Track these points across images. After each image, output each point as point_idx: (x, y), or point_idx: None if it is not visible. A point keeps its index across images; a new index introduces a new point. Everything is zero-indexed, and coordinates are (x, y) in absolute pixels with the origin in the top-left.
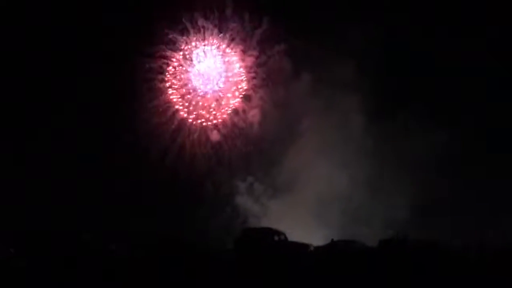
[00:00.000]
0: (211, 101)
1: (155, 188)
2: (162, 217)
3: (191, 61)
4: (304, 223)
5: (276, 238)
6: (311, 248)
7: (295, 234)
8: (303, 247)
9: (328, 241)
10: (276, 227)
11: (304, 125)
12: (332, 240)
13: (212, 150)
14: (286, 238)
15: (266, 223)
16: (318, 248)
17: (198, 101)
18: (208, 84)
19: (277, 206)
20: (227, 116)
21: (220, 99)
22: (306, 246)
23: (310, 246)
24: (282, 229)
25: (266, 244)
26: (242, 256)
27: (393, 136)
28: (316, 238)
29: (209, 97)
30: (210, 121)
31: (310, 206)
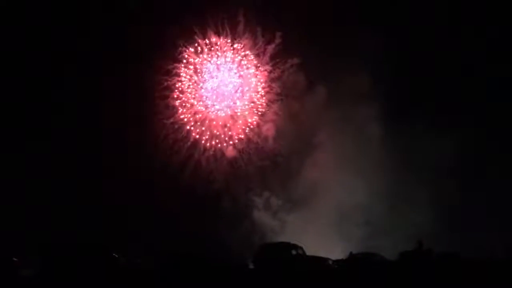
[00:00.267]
0: (226, 118)
1: (174, 204)
2: (181, 232)
3: (206, 78)
4: (322, 237)
5: (294, 252)
6: (330, 262)
7: (314, 248)
8: (322, 261)
9: (347, 254)
10: (294, 242)
11: (320, 137)
12: (350, 253)
13: (228, 166)
14: (304, 252)
15: (284, 238)
16: (336, 261)
17: (212, 119)
18: (223, 101)
19: (294, 220)
20: (242, 131)
21: (235, 116)
22: (325, 260)
23: (329, 260)
24: (300, 243)
25: (284, 259)
26: (261, 271)
27: (411, 145)
28: (335, 251)
29: (223, 115)
30: (226, 141)
31: (328, 219)
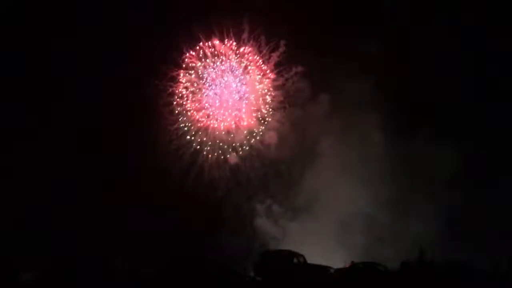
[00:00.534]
0: (230, 125)
1: (176, 210)
2: (182, 238)
3: (209, 84)
4: (324, 245)
5: (295, 260)
6: (331, 270)
7: (315, 257)
8: (323, 270)
9: (348, 263)
10: (295, 250)
11: (323, 145)
12: (352, 262)
13: (230, 172)
14: (305, 261)
15: (285, 246)
16: (338, 270)
17: (215, 128)
18: (227, 108)
19: (296, 228)
20: (244, 137)
21: (238, 123)
22: (326, 268)
23: (330, 268)
24: (302, 251)
25: (285, 267)
26: (262, 279)
27: (415, 154)
28: (337, 260)
29: (226, 124)
30: (229, 148)
31: (330, 227)
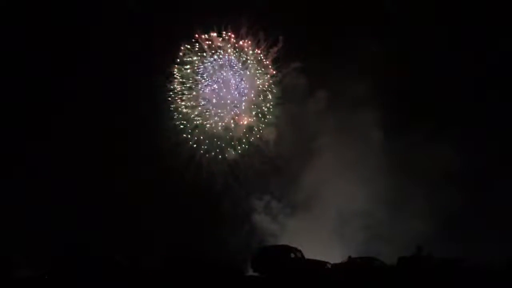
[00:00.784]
0: (228, 120)
1: (174, 206)
2: (181, 235)
3: (207, 80)
4: (322, 241)
5: (292, 255)
6: (328, 265)
7: (313, 252)
8: (320, 265)
9: (345, 258)
10: (293, 245)
11: (321, 142)
12: (349, 257)
13: (228, 168)
14: (302, 256)
15: (283, 241)
16: (335, 265)
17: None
18: (225, 106)
19: (295, 224)
20: (243, 134)
21: (236, 118)
22: (323, 263)
23: (327, 263)
24: (300, 247)
25: (282, 261)
26: (259, 274)
27: (412, 150)
28: (334, 256)
29: (225, 120)
30: (227, 144)
31: (328, 223)
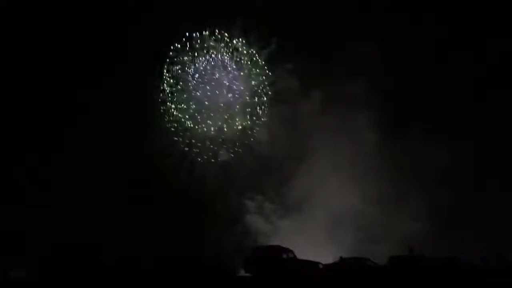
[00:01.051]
0: (221, 120)
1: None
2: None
3: (200, 80)
4: (315, 242)
5: (284, 256)
6: (320, 265)
7: (306, 252)
8: (312, 265)
9: (337, 258)
10: (285, 245)
11: (314, 142)
12: (341, 257)
13: (221, 169)
14: (294, 256)
15: (276, 242)
16: (327, 265)
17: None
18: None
19: (287, 225)
20: (235, 135)
21: (229, 119)
22: (315, 263)
23: (319, 263)
24: (292, 247)
25: (274, 262)
26: (251, 274)
27: (405, 151)
28: (327, 256)
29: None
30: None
31: (321, 224)
